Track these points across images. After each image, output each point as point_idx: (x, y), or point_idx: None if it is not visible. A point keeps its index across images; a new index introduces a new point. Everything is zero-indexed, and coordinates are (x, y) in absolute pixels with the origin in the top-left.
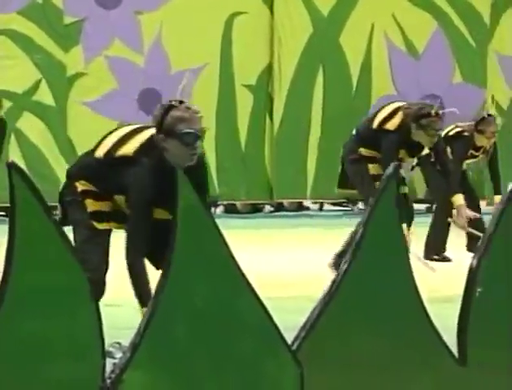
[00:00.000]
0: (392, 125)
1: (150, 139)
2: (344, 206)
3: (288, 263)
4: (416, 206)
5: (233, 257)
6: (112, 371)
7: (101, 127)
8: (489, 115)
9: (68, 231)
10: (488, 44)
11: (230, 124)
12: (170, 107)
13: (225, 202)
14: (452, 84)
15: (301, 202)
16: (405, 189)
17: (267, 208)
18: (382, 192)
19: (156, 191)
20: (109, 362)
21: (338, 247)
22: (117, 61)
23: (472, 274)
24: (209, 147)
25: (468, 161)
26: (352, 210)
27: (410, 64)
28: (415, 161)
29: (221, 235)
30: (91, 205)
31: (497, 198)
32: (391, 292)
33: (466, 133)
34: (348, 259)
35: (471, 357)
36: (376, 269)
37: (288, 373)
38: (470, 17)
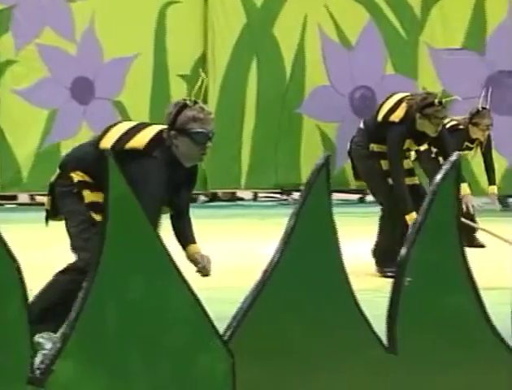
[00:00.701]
0: (396, 117)
1: (159, 134)
2: (278, 196)
3: (221, 253)
4: (348, 197)
5: (165, 248)
6: (42, 362)
7: (32, 115)
8: (483, 108)
9: (52, 225)
10: (419, 36)
11: (164, 115)
12: (184, 106)
13: None
14: (384, 75)
15: (235, 192)
16: (416, 180)
17: (201, 198)
18: (314, 182)
19: (164, 186)
20: (39, 353)
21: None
22: (48, 49)
23: (401, 264)
24: None
25: (463, 152)
26: (286, 200)
27: (342, 55)
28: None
29: (152, 224)
30: (88, 196)
31: (492, 189)
32: (322, 281)
33: (461, 126)
34: (279, 249)
35: (401, 346)
36: (307, 258)
37: (220, 363)
38: (402, 9)
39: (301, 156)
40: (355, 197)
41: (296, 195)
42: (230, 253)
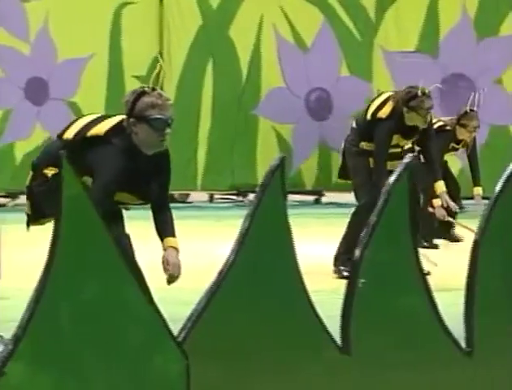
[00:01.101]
0: (383, 113)
1: (121, 122)
2: (234, 198)
3: None
4: (304, 198)
5: (119, 248)
6: None
7: None
8: (471, 110)
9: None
10: (374, 38)
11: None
12: (142, 93)
13: None
14: (339, 77)
15: (191, 194)
16: None
17: None
18: (268, 183)
19: (123, 174)
20: None
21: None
22: (2, 49)
23: (355, 265)
24: None
25: (449, 153)
26: (242, 201)
27: (298, 57)
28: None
29: (106, 225)
30: None
31: (477, 190)
32: (277, 282)
33: (448, 127)
34: (233, 250)
35: (355, 347)
36: (262, 259)
37: (174, 364)
38: (356, 11)
39: (257, 157)
40: (311, 198)
41: (252, 196)
42: (186, 254)
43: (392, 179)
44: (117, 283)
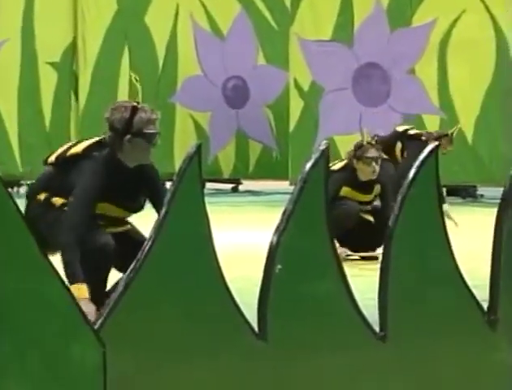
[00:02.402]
0: (336, 166)
1: (99, 141)
2: None
3: None
4: (221, 186)
5: (36, 241)
6: None
7: None
8: (452, 134)
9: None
10: (290, 27)
11: (33, 103)
12: (135, 109)
13: (29, 182)
14: (256, 65)
15: None
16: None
17: None
18: (185, 171)
19: (105, 185)
20: None
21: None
22: None
23: (272, 251)
24: (11, 126)
25: None
26: None
27: (215, 45)
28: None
29: (23, 218)
30: (59, 201)
31: None
32: (194, 269)
33: (423, 138)
34: (150, 237)
35: (272, 333)
36: (180, 247)
37: (91, 352)
38: (272, 0)
39: (175, 145)
40: (228, 186)
41: (169, 184)
42: None
43: (307, 165)
44: (34, 274)
